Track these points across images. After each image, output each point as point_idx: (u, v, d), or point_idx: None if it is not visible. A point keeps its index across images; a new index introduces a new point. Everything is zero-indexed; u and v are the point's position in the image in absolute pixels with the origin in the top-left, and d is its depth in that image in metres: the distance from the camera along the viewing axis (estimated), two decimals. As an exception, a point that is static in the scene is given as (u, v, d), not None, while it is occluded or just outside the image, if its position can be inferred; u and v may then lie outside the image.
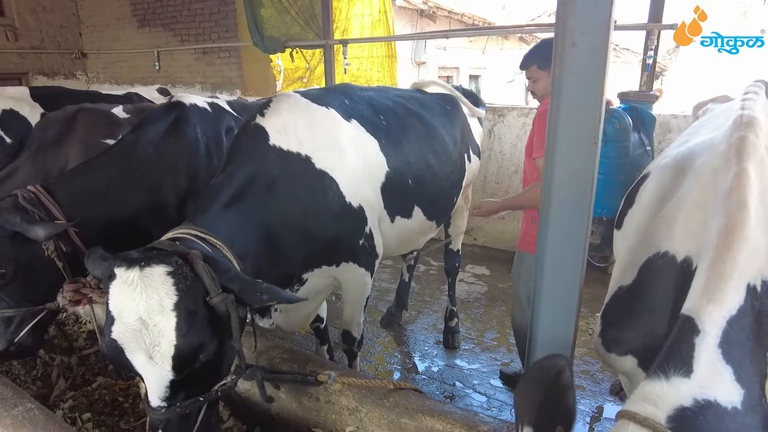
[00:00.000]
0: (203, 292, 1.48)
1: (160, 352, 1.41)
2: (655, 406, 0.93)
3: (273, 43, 6.03)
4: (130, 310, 1.42)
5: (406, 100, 2.85)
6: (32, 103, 3.93)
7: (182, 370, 1.45)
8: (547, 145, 1.40)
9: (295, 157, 2.09)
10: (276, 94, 2.31)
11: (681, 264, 1.31)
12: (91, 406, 2.36)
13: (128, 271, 1.45)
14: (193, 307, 1.46)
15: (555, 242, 1.43)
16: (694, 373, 0.94)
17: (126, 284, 1.43)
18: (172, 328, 1.42)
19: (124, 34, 8.65)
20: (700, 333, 0.98)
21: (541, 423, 1.08)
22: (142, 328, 1.41)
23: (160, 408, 1.47)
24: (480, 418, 1.74)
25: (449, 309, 3.73)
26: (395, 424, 1.83)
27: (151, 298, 1.42)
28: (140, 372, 1.46)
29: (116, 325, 1.43)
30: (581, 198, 1.38)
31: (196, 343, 1.45)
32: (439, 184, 2.79)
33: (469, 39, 10.90)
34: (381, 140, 2.45)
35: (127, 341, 1.42)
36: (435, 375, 3.37)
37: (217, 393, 1.60)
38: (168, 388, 1.46)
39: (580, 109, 1.34)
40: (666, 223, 1.45)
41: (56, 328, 2.81)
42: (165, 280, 1.44)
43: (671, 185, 1.57)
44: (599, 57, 1.30)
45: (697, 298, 1.03)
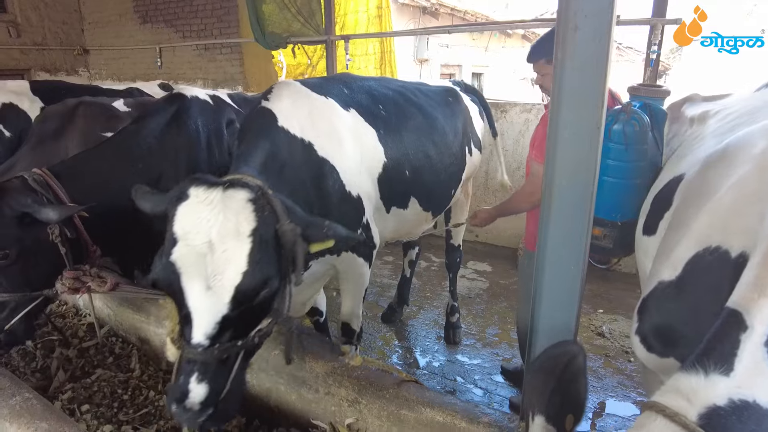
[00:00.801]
0: (275, 225, 1.43)
1: (222, 282, 1.32)
2: (688, 402, 0.89)
3: (275, 39, 6.01)
4: (200, 232, 1.34)
5: (407, 90, 2.83)
6: (32, 96, 3.92)
7: (239, 305, 1.36)
8: (549, 132, 1.38)
9: (300, 142, 2.08)
10: (277, 82, 2.29)
11: (735, 260, 1.20)
12: (89, 398, 2.35)
13: (208, 191, 1.39)
14: (266, 237, 1.40)
15: (557, 231, 1.41)
16: (735, 371, 0.89)
17: (203, 204, 1.37)
18: (245, 254, 1.34)
19: (126, 31, 8.64)
20: (747, 329, 0.93)
21: (552, 412, 1.06)
22: (208, 252, 1.32)
23: (199, 346, 1.35)
24: (481, 410, 1.73)
25: (450, 304, 3.71)
26: (395, 415, 1.82)
27: (228, 220, 1.35)
28: (190, 302, 1.35)
29: (179, 247, 1.34)
30: (584, 186, 1.36)
31: (265, 275, 1.39)
32: (437, 175, 2.77)
33: (471, 37, 10.87)
34: (379, 130, 2.43)
35: (188, 265, 1.33)
36: (436, 370, 3.35)
37: (254, 340, 1.48)
38: (217, 324, 1.35)
39: (583, 95, 1.32)
40: (716, 216, 1.34)
41: (49, 324, 2.79)
42: (245, 205, 1.40)
43: (718, 178, 1.44)
44: (602, 40, 1.28)
45: (747, 292, 0.97)
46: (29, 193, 2.07)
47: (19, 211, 2.01)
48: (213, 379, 1.39)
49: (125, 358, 2.70)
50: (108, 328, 2.90)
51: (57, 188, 2.16)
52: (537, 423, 1.07)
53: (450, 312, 3.70)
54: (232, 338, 1.41)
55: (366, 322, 3.98)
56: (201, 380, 1.37)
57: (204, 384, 1.38)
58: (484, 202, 5.34)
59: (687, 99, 2.36)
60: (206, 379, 1.38)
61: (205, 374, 1.38)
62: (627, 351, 3.47)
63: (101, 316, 2.93)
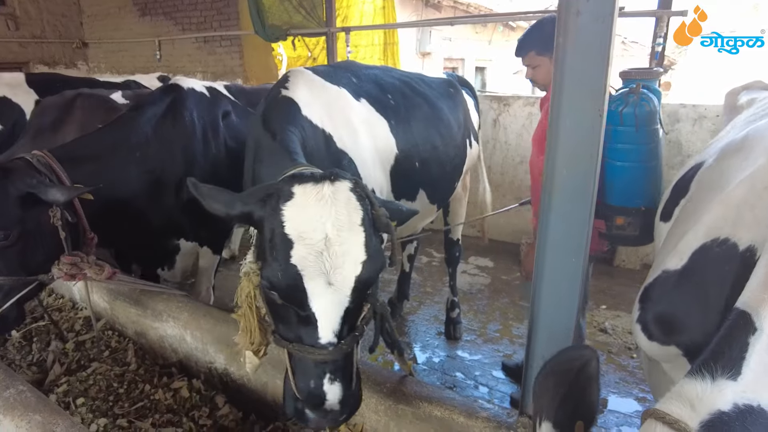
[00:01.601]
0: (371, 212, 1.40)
1: (343, 275, 1.30)
2: (692, 409, 0.85)
3: (275, 31, 5.95)
4: (317, 229, 1.30)
5: (411, 80, 2.78)
6: (27, 89, 3.89)
7: (360, 295, 1.36)
8: (550, 119, 1.34)
9: (321, 133, 2.03)
10: (290, 70, 2.23)
11: (743, 253, 1.18)
12: (85, 391, 2.33)
13: (317, 187, 1.34)
14: (371, 225, 1.38)
15: (557, 222, 1.38)
16: (742, 375, 0.86)
17: (314, 200, 1.32)
18: (361, 244, 1.32)
19: (125, 23, 8.60)
20: (756, 331, 0.89)
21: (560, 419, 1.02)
22: (324, 249, 1.29)
23: (329, 345, 1.32)
24: (479, 404, 1.70)
25: (450, 300, 3.68)
26: (393, 410, 1.79)
27: (340, 214, 1.32)
28: (315, 303, 1.31)
29: (298, 249, 1.29)
30: (586, 175, 1.32)
31: (380, 262, 1.37)
32: (443, 167, 2.73)
33: (474, 30, 10.78)
34: (390, 120, 2.39)
35: (309, 266, 1.29)
36: (436, 366, 3.32)
37: (363, 327, 1.46)
38: (342, 319, 1.33)
39: (585, 80, 1.28)
40: (727, 208, 1.31)
41: (45, 316, 2.77)
42: (350, 195, 1.36)
43: (734, 169, 1.41)
44: (605, 24, 1.24)
45: (757, 292, 0.94)
46: (34, 173, 2.05)
47: (24, 191, 1.97)
48: (345, 375, 1.38)
49: (121, 351, 2.68)
50: (104, 322, 2.87)
51: (60, 171, 2.14)
52: (544, 429, 1.03)
53: (450, 307, 3.67)
54: (350, 330, 1.40)
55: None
56: (334, 379, 1.35)
57: (338, 382, 1.36)
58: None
59: (745, 87, 2.26)
60: (339, 376, 1.36)
61: (336, 372, 1.36)
62: (630, 347, 3.43)
63: (97, 310, 2.91)
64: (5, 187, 1.95)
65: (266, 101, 2.05)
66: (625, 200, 2.14)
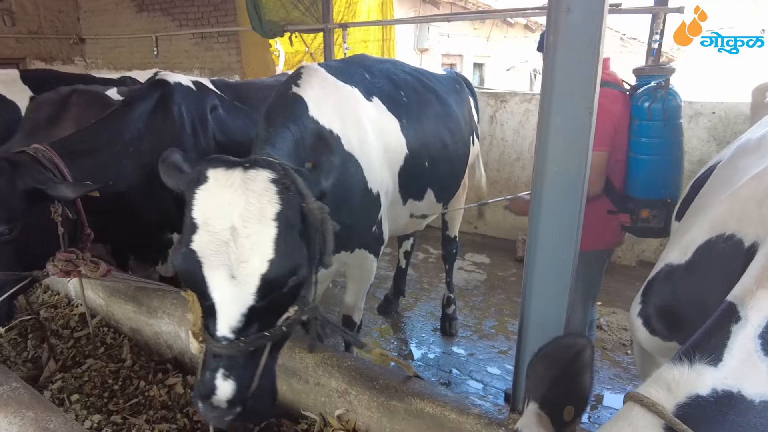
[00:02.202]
0: (301, 205, 1.33)
1: (248, 270, 1.23)
2: (668, 392, 0.86)
3: (272, 27, 5.93)
4: (222, 217, 1.24)
5: (422, 76, 2.77)
6: (22, 86, 3.86)
7: (267, 294, 1.27)
8: (540, 117, 1.34)
9: (329, 134, 2.00)
10: (303, 65, 2.20)
11: (748, 250, 1.17)
12: (80, 387, 2.33)
13: (228, 173, 1.29)
14: (293, 220, 1.30)
15: (548, 219, 1.38)
16: (723, 362, 0.87)
17: (223, 187, 1.26)
18: (270, 240, 1.24)
19: (123, 19, 8.56)
20: (740, 320, 0.90)
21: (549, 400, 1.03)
22: (231, 239, 1.23)
23: (224, 339, 1.26)
24: (471, 401, 1.70)
25: (446, 296, 3.69)
26: (385, 406, 1.80)
27: (250, 204, 1.25)
28: (214, 294, 1.26)
29: (200, 234, 1.24)
30: (576, 172, 1.32)
31: (293, 262, 1.29)
32: (452, 164, 2.73)
33: (473, 26, 10.76)
34: (402, 119, 2.37)
35: (210, 254, 1.23)
36: (431, 362, 3.33)
37: (282, 329, 1.39)
38: (243, 316, 1.26)
39: (575, 78, 1.28)
40: (735, 204, 1.29)
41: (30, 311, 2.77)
42: (268, 186, 1.28)
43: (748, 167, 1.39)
44: (595, 22, 1.24)
45: (748, 284, 0.95)
46: (41, 168, 2.04)
47: (32, 186, 1.96)
48: (240, 375, 1.31)
49: (117, 348, 2.68)
50: (100, 318, 2.88)
51: (62, 166, 2.14)
52: (530, 408, 1.04)
53: (446, 303, 3.68)
54: (259, 329, 1.33)
55: (363, 314, 3.96)
56: (227, 376, 1.29)
57: (231, 380, 1.29)
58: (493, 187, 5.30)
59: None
60: (233, 374, 1.29)
61: (231, 369, 1.29)
62: (624, 344, 3.45)
63: (93, 306, 2.92)
64: (13, 181, 1.95)
65: (276, 96, 2.01)
66: (650, 193, 2.18)
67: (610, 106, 2.16)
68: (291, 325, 1.43)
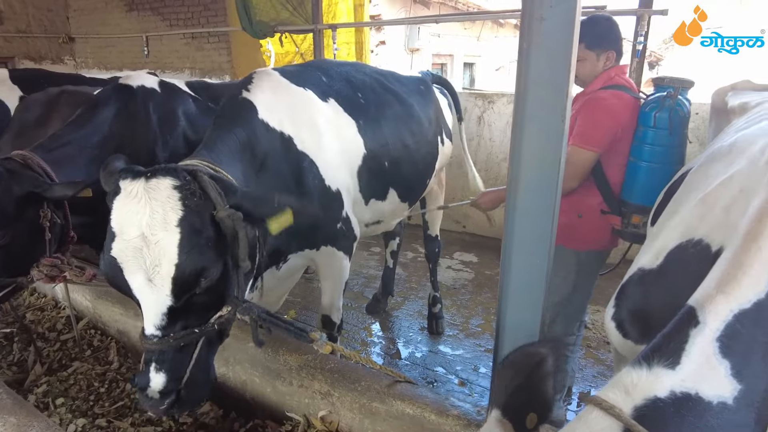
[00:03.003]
0: (211, 211, 1.40)
1: (160, 273, 1.33)
2: (627, 394, 0.89)
3: (262, 27, 5.94)
4: (132, 225, 1.33)
5: (383, 77, 2.80)
6: (11, 86, 3.84)
7: (181, 294, 1.37)
8: (514, 124, 1.37)
9: (280, 135, 2.05)
10: (256, 71, 2.25)
11: (714, 255, 1.19)
12: (65, 391, 2.34)
13: (133, 183, 1.37)
14: (198, 225, 1.37)
15: (522, 224, 1.40)
16: (681, 365, 0.89)
17: (130, 197, 1.35)
18: (175, 245, 1.33)
19: (113, 19, 8.51)
20: (698, 324, 0.93)
21: (512, 407, 1.05)
22: (143, 246, 1.33)
23: (153, 337, 1.39)
24: (450, 402, 1.73)
25: (432, 295, 3.72)
26: (367, 408, 1.82)
27: (155, 212, 1.33)
28: (137, 296, 1.39)
29: (117, 242, 1.35)
30: (549, 178, 1.35)
31: (198, 265, 1.36)
32: (414, 165, 2.75)
33: (463, 26, 10.79)
34: (359, 120, 2.40)
35: (127, 260, 1.34)
36: (418, 361, 3.36)
37: (214, 326, 1.50)
38: (165, 315, 1.38)
39: (549, 86, 1.31)
40: (704, 209, 1.32)
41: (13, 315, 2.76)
42: (171, 193, 1.36)
43: (718, 173, 1.41)
44: (568, 31, 1.26)
45: (709, 289, 0.98)
46: (33, 174, 2.06)
47: (27, 189, 1.98)
48: (171, 368, 1.43)
49: (104, 350, 2.69)
50: (87, 321, 2.88)
51: (49, 170, 2.14)
52: (493, 415, 1.06)
53: (432, 303, 3.71)
54: (187, 326, 1.44)
55: (351, 313, 3.99)
56: (159, 369, 1.41)
57: (162, 373, 1.41)
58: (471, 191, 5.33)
59: (733, 86, 2.24)
60: (164, 368, 1.41)
61: (162, 363, 1.41)
62: (608, 342, 3.49)
63: (80, 309, 2.92)
64: (10, 187, 1.95)
65: (226, 100, 2.06)
66: (645, 199, 2.16)
67: (619, 110, 2.19)
68: (224, 323, 1.53)
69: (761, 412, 0.91)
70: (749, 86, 2.16)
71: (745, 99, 1.93)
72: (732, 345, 0.91)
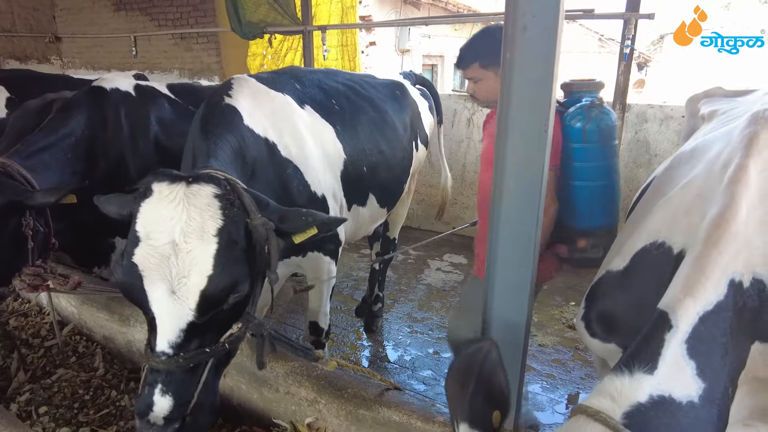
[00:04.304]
0: (246, 222, 1.34)
1: (187, 285, 1.23)
2: (613, 401, 0.92)
3: (252, 28, 5.90)
4: (164, 231, 1.24)
5: (355, 84, 2.79)
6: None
7: (208, 310, 1.27)
8: (497, 133, 1.37)
9: (264, 142, 2.02)
10: (233, 77, 2.22)
11: (677, 257, 1.24)
12: (49, 399, 2.31)
13: (171, 186, 1.29)
14: (235, 236, 1.30)
15: (506, 235, 1.41)
16: (658, 369, 0.93)
17: (166, 201, 1.26)
18: (210, 256, 1.24)
19: (100, 18, 8.42)
20: (672, 329, 0.97)
21: (476, 414, 1.05)
22: (171, 254, 1.23)
23: (162, 355, 1.26)
24: (437, 408, 1.74)
25: (376, 294, 3.73)
26: (353, 415, 1.82)
27: (192, 219, 1.25)
28: (154, 307, 1.26)
29: (141, 248, 1.24)
30: (532, 188, 1.36)
31: (233, 278, 1.28)
32: (391, 170, 2.76)
33: (454, 27, 10.80)
34: (336, 126, 2.40)
35: (150, 268, 1.23)
36: (407, 364, 3.36)
37: (224, 346, 1.38)
38: (183, 331, 1.26)
39: (531, 97, 1.31)
40: (666, 212, 1.37)
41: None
42: (212, 201, 1.28)
43: (680, 177, 1.46)
44: (551, 41, 1.27)
45: (676, 293, 1.02)
46: (14, 182, 2.02)
47: (9, 198, 1.94)
48: (179, 391, 1.30)
49: (89, 356, 2.66)
50: (72, 327, 2.85)
51: (30, 178, 2.11)
52: (462, 430, 1.06)
53: (374, 301, 3.74)
54: (201, 345, 1.32)
55: (340, 316, 3.98)
56: (165, 392, 1.29)
57: (168, 396, 1.29)
58: (461, 194, 5.35)
59: (707, 93, 2.24)
60: (171, 390, 1.29)
61: (169, 385, 1.28)
62: (596, 343, 3.52)
63: (65, 314, 2.89)
64: None
65: (207, 106, 2.00)
66: (587, 221, 1.97)
67: None
68: (234, 342, 1.43)
69: (722, 408, 0.97)
70: (721, 93, 2.20)
71: (715, 107, 1.98)
72: (697, 346, 0.96)
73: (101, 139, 2.53)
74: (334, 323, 3.85)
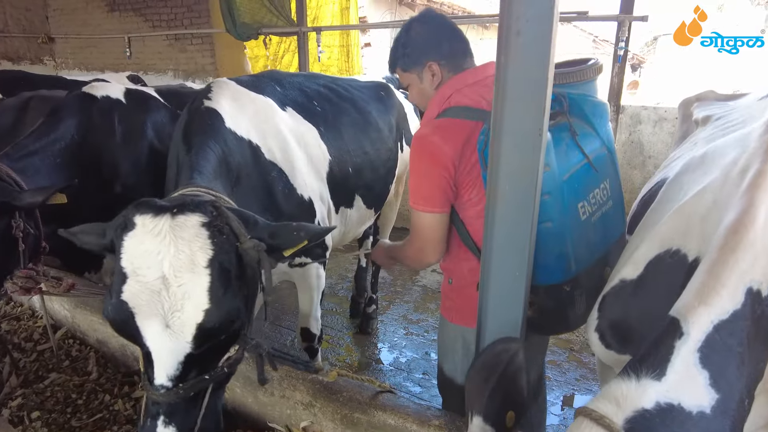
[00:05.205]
0: (236, 247, 1.29)
1: (181, 319, 1.20)
2: (617, 406, 0.91)
3: (246, 29, 5.90)
4: (152, 266, 1.20)
5: (337, 86, 2.79)
6: (-12, 87, 3.76)
7: (204, 342, 1.24)
8: (492, 137, 1.37)
9: (248, 145, 1.99)
10: (213, 81, 2.20)
11: (691, 264, 1.22)
12: (41, 403, 2.30)
13: (155, 219, 1.23)
14: (227, 264, 1.26)
15: (501, 238, 1.41)
16: (666, 376, 0.92)
17: (150, 235, 1.22)
18: (203, 288, 1.21)
19: (93, 19, 8.37)
20: (683, 336, 0.95)
21: (491, 411, 1.05)
22: (162, 289, 1.19)
23: (162, 387, 1.23)
24: (432, 412, 1.73)
25: (369, 296, 3.72)
26: (348, 418, 1.82)
27: (181, 252, 1.20)
28: (149, 343, 1.23)
29: (129, 284, 1.20)
30: (527, 192, 1.36)
31: (227, 308, 1.25)
32: (376, 171, 2.75)
33: (449, 28, 10.84)
34: (319, 128, 2.39)
35: (141, 305, 1.19)
36: (402, 366, 3.36)
37: (223, 370, 1.36)
38: (181, 364, 1.23)
39: (526, 101, 1.32)
40: (680, 219, 1.34)
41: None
42: (199, 231, 1.24)
43: (692, 183, 1.43)
44: (545, 45, 1.27)
45: (689, 300, 1.00)
46: (2, 182, 1.99)
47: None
48: (181, 419, 1.29)
49: (82, 360, 2.64)
50: (65, 330, 2.83)
51: (18, 179, 2.08)
52: (475, 423, 1.06)
53: (367, 303, 3.74)
54: (199, 373, 1.30)
55: (336, 318, 3.97)
56: (168, 422, 1.27)
57: (172, 426, 1.27)
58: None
59: (699, 97, 2.27)
60: (174, 420, 1.27)
61: (172, 415, 1.26)
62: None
63: (58, 318, 2.87)
64: None
65: (188, 112, 1.96)
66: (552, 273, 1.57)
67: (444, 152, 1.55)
68: (233, 365, 1.41)
69: (736, 420, 0.94)
70: (713, 96, 2.22)
71: (709, 112, 1.99)
72: (711, 355, 0.94)
73: (92, 146, 2.51)
74: (329, 325, 3.84)
